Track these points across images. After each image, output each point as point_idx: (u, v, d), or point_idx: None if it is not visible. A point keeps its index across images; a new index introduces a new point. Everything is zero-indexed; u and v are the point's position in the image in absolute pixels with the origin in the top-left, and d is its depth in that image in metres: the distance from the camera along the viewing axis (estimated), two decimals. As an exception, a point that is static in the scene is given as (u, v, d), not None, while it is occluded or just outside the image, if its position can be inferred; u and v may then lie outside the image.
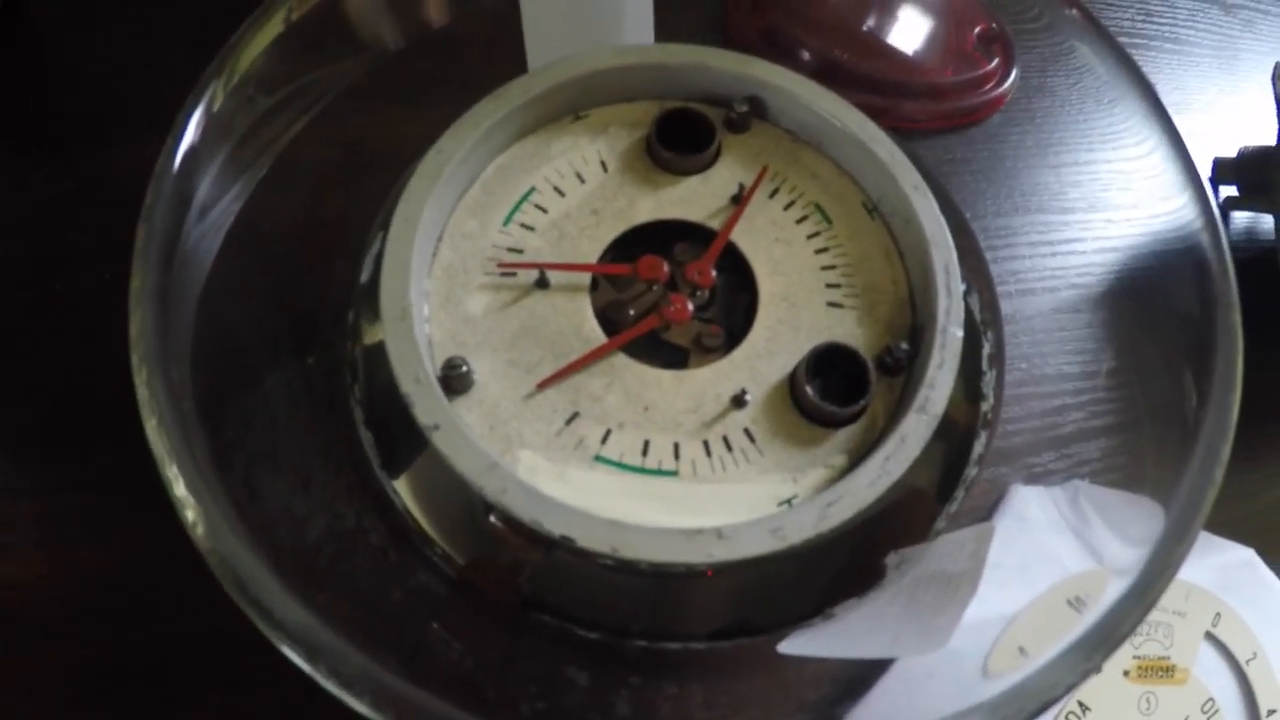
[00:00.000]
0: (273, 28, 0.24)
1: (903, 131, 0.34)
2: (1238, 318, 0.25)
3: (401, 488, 0.24)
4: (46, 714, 0.27)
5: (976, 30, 0.36)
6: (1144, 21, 0.42)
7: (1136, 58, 0.43)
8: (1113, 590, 0.20)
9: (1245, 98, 0.41)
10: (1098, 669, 0.19)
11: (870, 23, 0.34)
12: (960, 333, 0.23)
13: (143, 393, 0.20)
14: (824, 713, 0.25)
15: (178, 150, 0.22)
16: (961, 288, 0.23)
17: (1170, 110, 0.42)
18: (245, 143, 0.25)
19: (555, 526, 0.20)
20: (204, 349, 0.23)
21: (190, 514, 0.19)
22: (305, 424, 0.25)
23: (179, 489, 0.19)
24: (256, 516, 0.22)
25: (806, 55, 0.35)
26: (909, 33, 0.35)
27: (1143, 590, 0.20)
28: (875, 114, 0.26)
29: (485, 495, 0.20)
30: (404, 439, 0.23)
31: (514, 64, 0.28)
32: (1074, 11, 0.29)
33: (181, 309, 0.23)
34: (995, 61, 0.36)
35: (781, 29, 0.35)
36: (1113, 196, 0.34)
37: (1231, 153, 0.38)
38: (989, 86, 0.35)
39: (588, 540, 0.20)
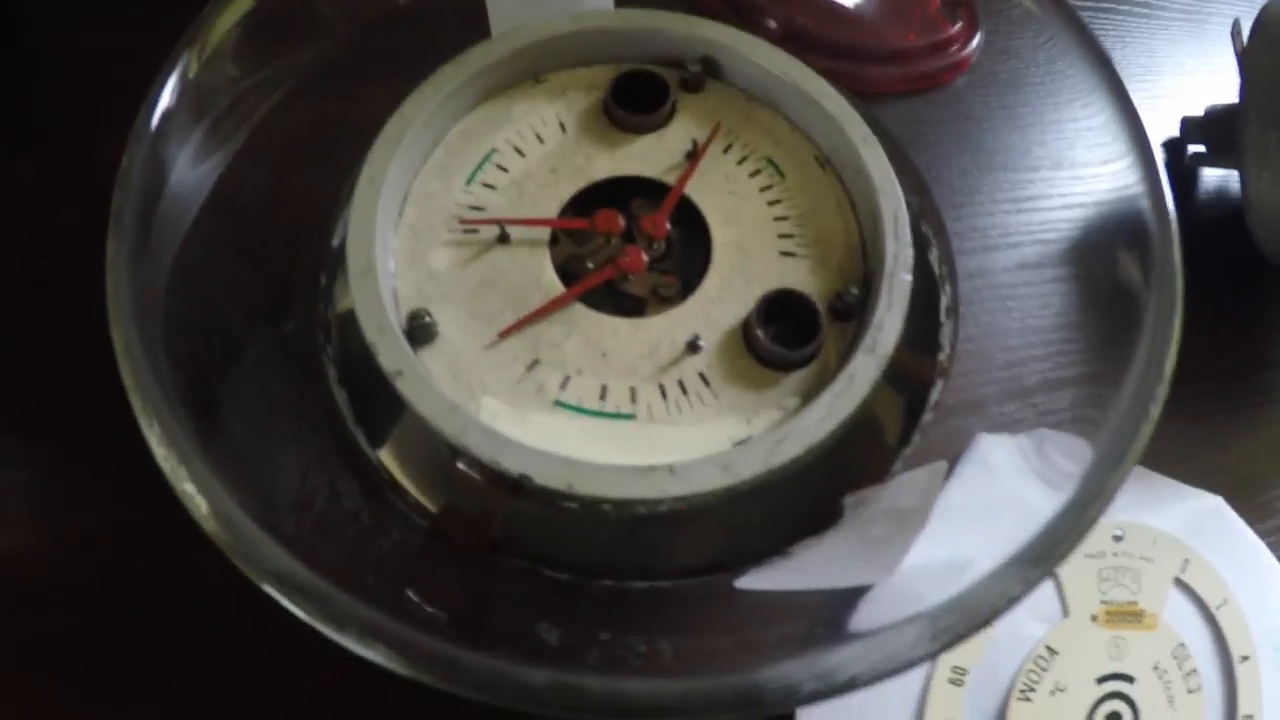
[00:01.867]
0: (243, 3, 0.26)
1: (868, 96, 0.36)
2: (1177, 276, 0.26)
3: (373, 442, 0.25)
4: (44, 680, 0.28)
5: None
6: (1113, -17, 0.44)
7: (1108, 23, 0.44)
8: (1049, 505, 0.21)
9: (1216, 59, 0.43)
10: (1029, 589, 0.20)
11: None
12: (908, 277, 0.24)
13: (121, 355, 0.22)
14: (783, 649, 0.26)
15: (153, 115, 0.24)
16: (909, 235, 0.25)
17: (1141, 73, 0.44)
18: (219, 114, 0.26)
19: (514, 465, 0.21)
20: (182, 314, 0.25)
21: (167, 465, 0.20)
22: (283, 385, 0.27)
23: (157, 445, 0.21)
24: (238, 472, 0.23)
25: (771, 23, 0.36)
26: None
27: (1077, 511, 0.21)
28: (840, 79, 0.27)
29: (445, 436, 0.22)
30: (375, 395, 0.25)
31: (483, 37, 0.30)
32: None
33: (157, 273, 0.24)
34: (959, 25, 0.37)
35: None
36: (1078, 154, 0.36)
37: (1200, 113, 0.39)
38: (953, 49, 0.37)
39: (544, 478, 0.21)
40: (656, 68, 0.27)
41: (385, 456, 0.25)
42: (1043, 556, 0.20)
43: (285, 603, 0.20)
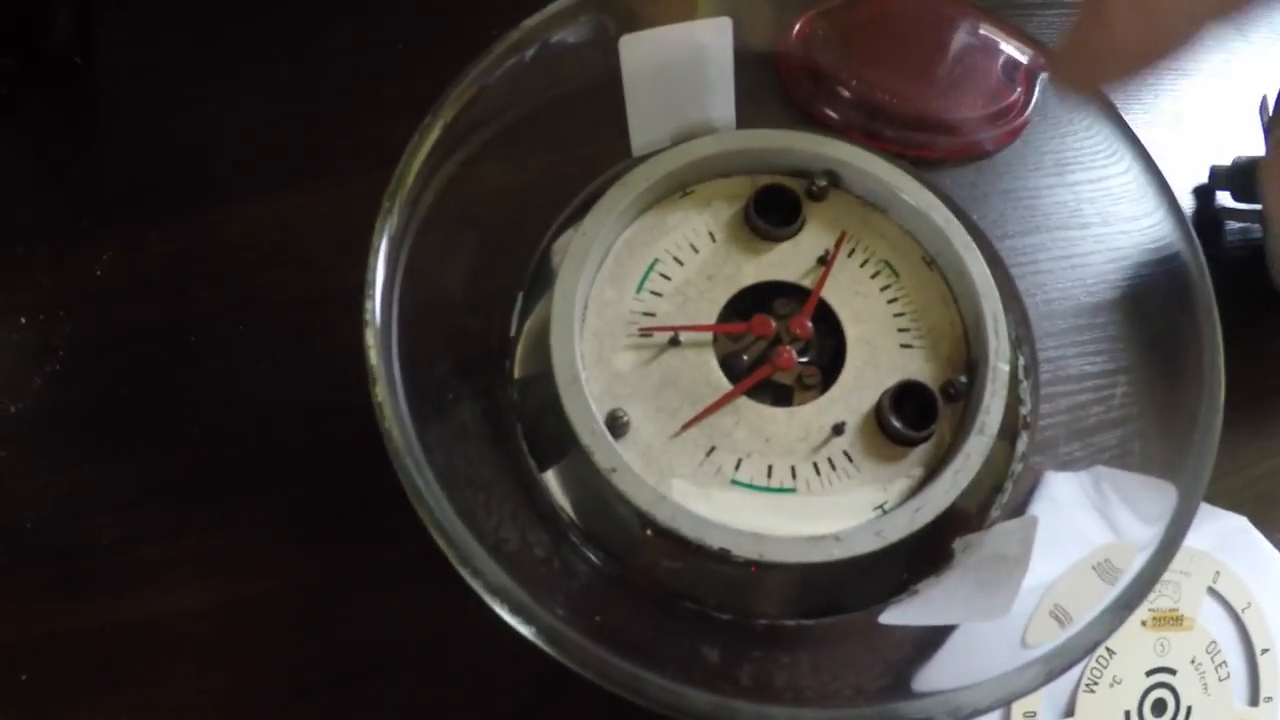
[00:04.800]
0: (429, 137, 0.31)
1: (932, 162, 0.43)
2: (1215, 318, 0.33)
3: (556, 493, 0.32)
4: None
5: (1000, 62, 0.44)
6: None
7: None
8: (1137, 562, 0.29)
9: (1242, 108, 0.50)
10: (1125, 620, 0.28)
11: (908, 67, 0.42)
12: (1006, 367, 0.32)
13: (386, 419, 0.27)
14: (904, 671, 0.33)
15: (379, 259, 0.29)
16: (1005, 330, 0.32)
17: (1172, 122, 0.50)
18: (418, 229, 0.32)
19: (714, 541, 0.28)
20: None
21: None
22: (485, 443, 0.33)
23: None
24: (460, 502, 0.29)
25: (846, 94, 0.43)
26: (943, 74, 0.43)
27: (1159, 561, 0.28)
28: (912, 149, 0.34)
29: (657, 521, 0.28)
30: (558, 457, 0.31)
31: (609, 124, 0.35)
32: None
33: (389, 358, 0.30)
34: (1018, 91, 0.44)
35: (826, 70, 0.43)
36: (1123, 209, 0.43)
37: (1227, 161, 0.46)
38: (1012, 115, 0.44)
39: (740, 550, 0.28)
40: (786, 179, 0.34)
41: (567, 509, 0.32)
42: (1133, 600, 0.28)
43: (511, 619, 0.26)
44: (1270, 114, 0.42)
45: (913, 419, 0.31)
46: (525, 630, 0.26)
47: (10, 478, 0.38)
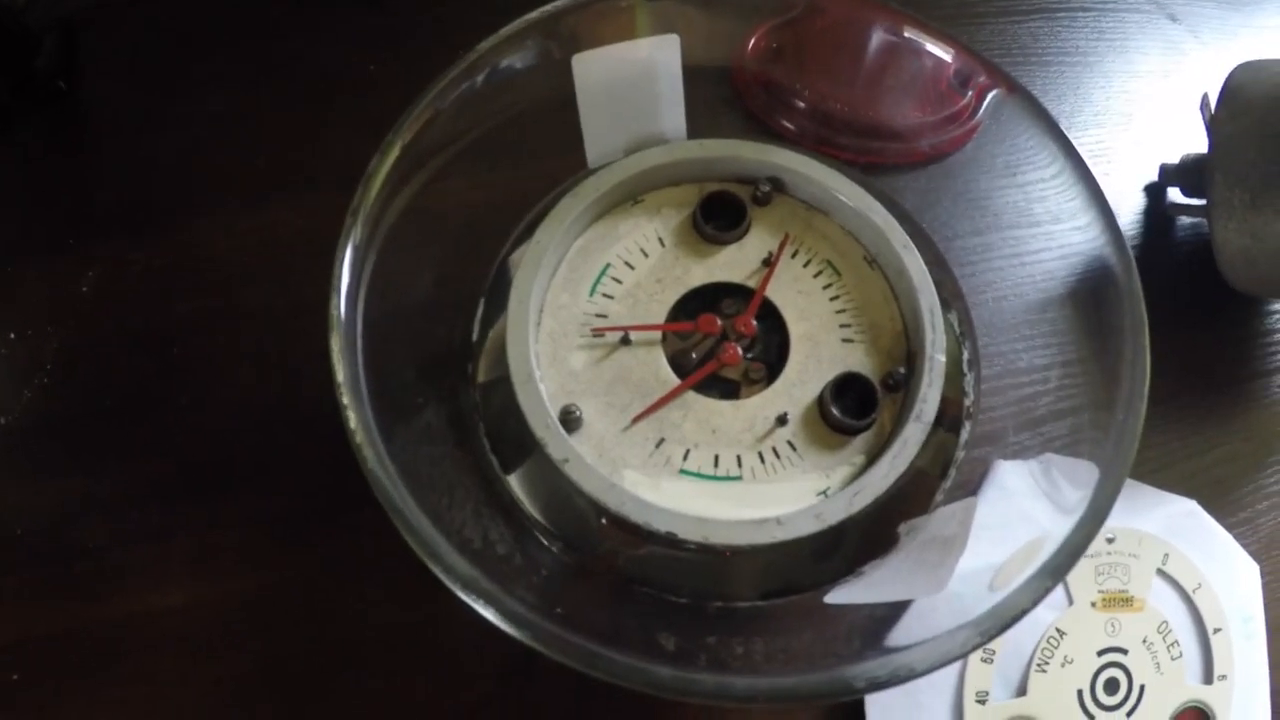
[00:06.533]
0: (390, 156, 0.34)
1: (886, 168, 0.45)
2: (1141, 310, 0.35)
3: (518, 490, 0.34)
4: (222, 715, 0.37)
5: (952, 70, 0.47)
6: (1096, 39, 0.53)
7: (1087, 71, 0.54)
8: (1062, 529, 0.31)
9: (1191, 102, 0.52)
10: (1049, 592, 0.30)
11: (859, 77, 0.45)
12: (943, 358, 0.34)
13: (351, 419, 0.30)
14: (853, 645, 0.36)
15: (343, 264, 0.32)
16: (942, 324, 0.35)
17: (1118, 117, 0.53)
18: (381, 239, 0.35)
19: (661, 525, 0.31)
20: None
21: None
22: (448, 445, 0.36)
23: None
24: (425, 502, 0.32)
25: (801, 104, 0.46)
26: (894, 82, 0.45)
27: (1084, 530, 0.31)
28: (863, 155, 0.36)
29: (608, 508, 0.31)
30: (520, 457, 0.34)
31: (566, 139, 0.38)
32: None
33: (354, 364, 0.33)
34: (969, 96, 0.46)
35: (780, 82, 0.46)
36: (1076, 206, 0.45)
37: (1175, 159, 0.49)
38: (964, 119, 0.46)
39: (686, 533, 0.31)
40: (733, 186, 0.36)
41: (529, 506, 0.35)
42: (1059, 568, 0.30)
43: (479, 606, 0.28)
44: (1211, 112, 0.45)
45: (853, 408, 0.34)
46: (492, 616, 0.28)
47: (1, 487, 0.41)
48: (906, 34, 0.43)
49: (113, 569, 0.39)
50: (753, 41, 0.45)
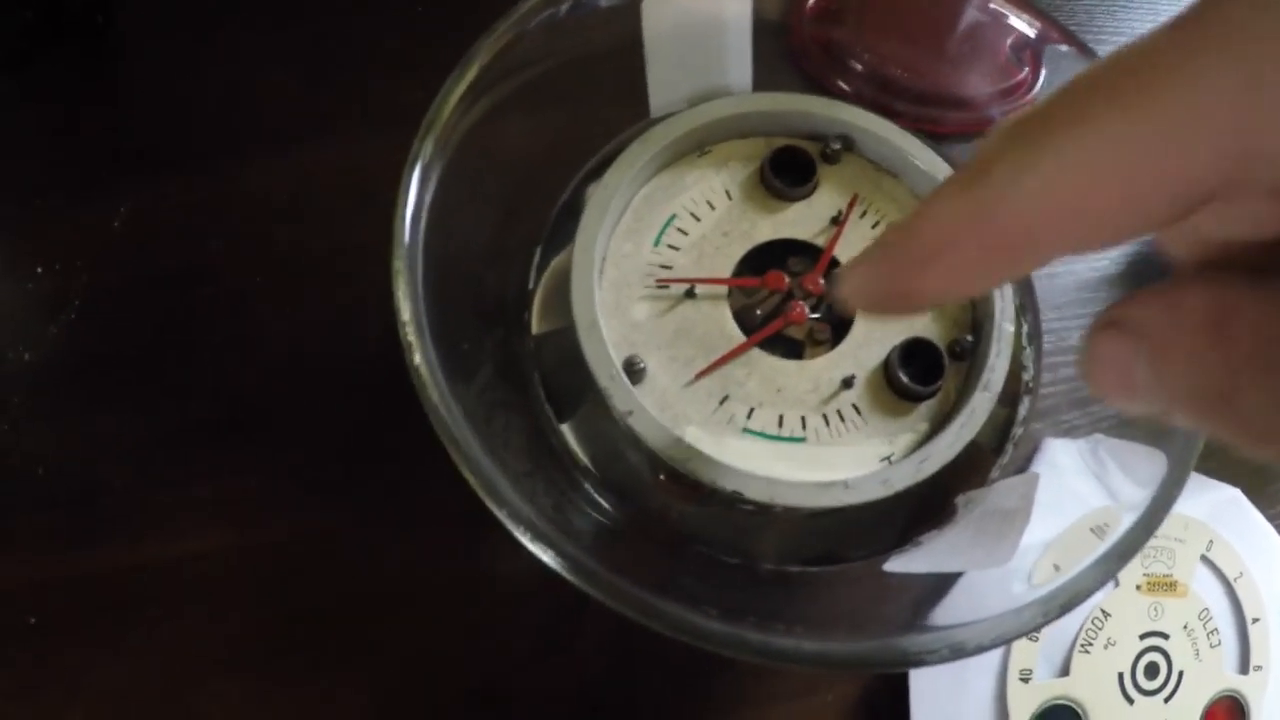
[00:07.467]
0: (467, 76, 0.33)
1: (940, 136, 0.45)
2: None
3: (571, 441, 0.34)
4: (246, 666, 0.37)
5: (1009, 40, 0.46)
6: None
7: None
8: (1129, 517, 0.31)
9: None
10: (1113, 578, 0.30)
11: (920, 42, 0.44)
12: (1011, 327, 0.34)
13: (413, 351, 0.29)
14: (906, 615, 0.36)
15: (408, 201, 0.31)
16: (1011, 292, 0.34)
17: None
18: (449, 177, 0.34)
19: (728, 484, 0.30)
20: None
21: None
22: (501, 393, 0.35)
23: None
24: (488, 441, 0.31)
25: (858, 66, 0.45)
26: (954, 50, 0.45)
27: (1148, 520, 0.31)
28: (921, 123, 0.36)
29: (673, 463, 0.30)
30: (574, 407, 0.34)
31: (627, 86, 0.37)
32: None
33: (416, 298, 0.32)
34: (1025, 70, 0.46)
35: (839, 42, 0.45)
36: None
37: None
38: (1020, 92, 0.46)
39: (753, 493, 0.30)
40: (802, 142, 0.36)
41: (582, 457, 0.34)
42: (1126, 551, 0.30)
43: (537, 550, 0.28)
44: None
45: (920, 375, 0.33)
46: (550, 560, 0.27)
47: (24, 424, 0.40)
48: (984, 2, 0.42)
49: (136, 513, 0.39)
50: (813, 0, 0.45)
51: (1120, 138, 0.14)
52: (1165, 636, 0.40)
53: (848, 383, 0.33)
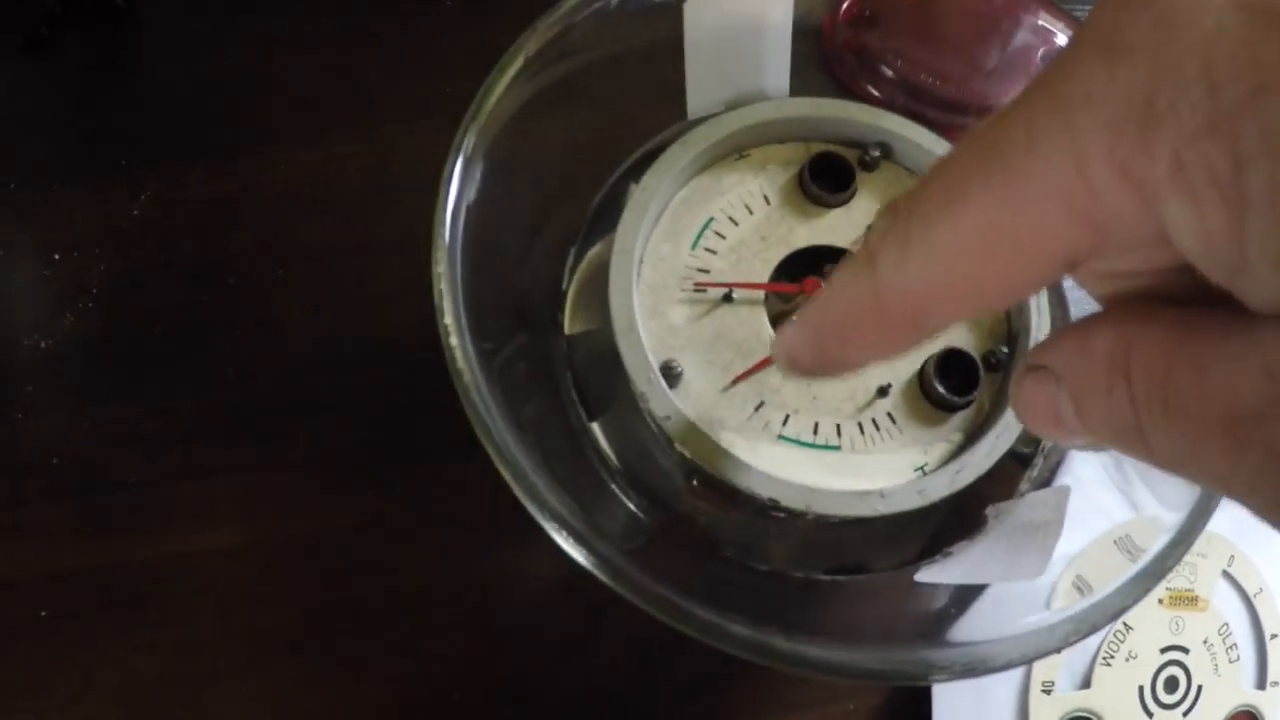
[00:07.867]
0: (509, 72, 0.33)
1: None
2: None
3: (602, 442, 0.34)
4: (262, 663, 0.36)
5: (1042, 50, 0.46)
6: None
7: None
8: (1162, 538, 0.31)
9: None
10: (1151, 590, 0.30)
11: (954, 50, 0.44)
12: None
13: (455, 353, 0.29)
14: (934, 627, 0.36)
15: (450, 188, 0.31)
16: (1047, 305, 0.34)
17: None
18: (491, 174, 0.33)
19: (764, 491, 0.30)
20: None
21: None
22: (533, 391, 0.35)
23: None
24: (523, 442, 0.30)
25: (889, 72, 0.45)
26: (986, 58, 0.45)
27: (1182, 539, 0.31)
28: (950, 131, 0.36)
29: (708, 470, 0.30)
30: (601, 404, 0.33)
31: (663, 87, 0.37)
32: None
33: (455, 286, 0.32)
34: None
35: (871, 48, 0.45)
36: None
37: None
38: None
39: (789, 501, 0.30)
40: (840, 148, 0.36)
41: (614, 458, 0.34)
42: (1157, 572, 0.30)
43: (568, 546, 0.27)
44: None
45: (955, 385, 0.33)
46: (581, 558, 0.27)
47: (38, 413, 0.39)
48: (1008, 10, 0.42)
49: (151, 505, 0.38)
50: (846, 4, 0.44)
51: (979, 224, 0.15)
52: (1185, 651, 0.40)
53: (883, 391, 0.33)
